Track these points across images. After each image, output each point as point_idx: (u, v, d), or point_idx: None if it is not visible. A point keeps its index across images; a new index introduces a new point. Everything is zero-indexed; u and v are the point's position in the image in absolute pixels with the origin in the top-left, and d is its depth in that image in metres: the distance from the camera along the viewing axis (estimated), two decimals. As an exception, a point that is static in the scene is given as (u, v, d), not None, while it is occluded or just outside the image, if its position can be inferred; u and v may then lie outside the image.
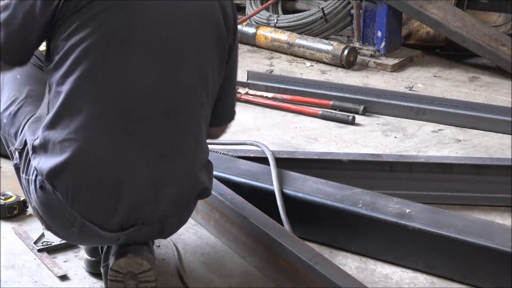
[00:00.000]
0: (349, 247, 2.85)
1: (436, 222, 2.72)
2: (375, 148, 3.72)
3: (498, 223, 2.91)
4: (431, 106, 4.05)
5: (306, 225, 2.89)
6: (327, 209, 2.84)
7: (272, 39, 5.06)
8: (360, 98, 4.15)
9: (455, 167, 3.15)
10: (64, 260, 2.75)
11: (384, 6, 4.83)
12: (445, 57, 5.04)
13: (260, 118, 4.04)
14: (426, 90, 4.47)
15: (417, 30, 5.13)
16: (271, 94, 4.22)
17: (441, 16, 4.73)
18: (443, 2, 4.86)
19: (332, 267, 2.51)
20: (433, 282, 2.70)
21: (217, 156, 3.20)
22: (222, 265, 2.76)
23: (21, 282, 2.63)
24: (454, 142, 3.80)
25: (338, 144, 3.77)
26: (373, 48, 4.92)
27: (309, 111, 4.09)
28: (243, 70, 4.61)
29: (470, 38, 4.65)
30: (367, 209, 2.80)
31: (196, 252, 2.83)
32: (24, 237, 2.87)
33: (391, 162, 3.23)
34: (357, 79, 4.63)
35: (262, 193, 2.93)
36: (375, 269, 2.77)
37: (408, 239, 2.73)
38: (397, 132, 3.91)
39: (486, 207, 3.14)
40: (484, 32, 4.71)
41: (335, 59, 4.79)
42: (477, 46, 4.64)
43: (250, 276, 2.70)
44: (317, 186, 2.93)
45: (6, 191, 3.07)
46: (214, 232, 2.94)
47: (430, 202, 3.04)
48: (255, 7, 5.46)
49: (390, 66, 4.80)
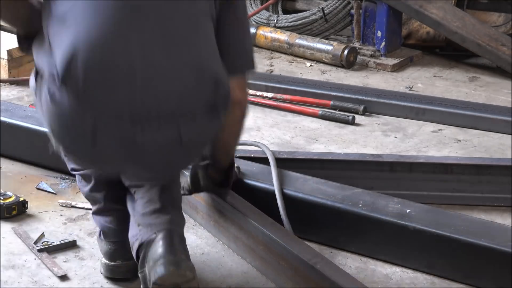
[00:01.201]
0: (349, 247, 2.85)
1: (436, 222, 2.72)
2: (375, 148, 3.72)
3: (498, 223, 2.91)
4: (431, 106, 4.05)
5: (306, 225, 2.89)
6: (328, 209, 2.84)
7: (272, 39, 5.05)
8: (360, 98, 4.14)
9: (455, 167, 3.15)
10: (64, 260, 2.75)
11: (384, 6, 4.83)
12: (445, 57, 5.04)
13: (260, 118, 4.04)
14: (426, 90, 4.47)
15: (417, 30, 5.13)
16: (271, 94, 4.22)
17: (441, 16, 4.72)
18: (443, 2, 4.85)
19: (332, 267, 2.51)
20: (433, 282, 2.70)
21: (217, 156, 3.20)
22: (222, 265, 2.76)
23: (21, 282, 2.63)
24: (454, 142, 3.80)
25: (338, 144, 3.77)
26: (373, 48, 4.92)
27: (309, 111, 4.09)
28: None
29: (470, 38, 4.65)
30: (367, 209, 2.80)
31: (196, 252, 2.82)
32: (24, 237, 2.87)
33: (391, 162, 3.23)
34: (357, 79, 4.63)
35: (262, 193, 2.93)
36: (375, 269, 2.77)
37: (408, 239, 2.73)
38: (397, 132, 3.91)
39: (486, 207, 3.13)
40: (484, 32, 4.71)
41: (335, 59, 4.79)
42: (477, 46, 4.64)
43: (250, 276, 2.70)
44: (317, 186, 2.93)
45: (6, 191, 3.07)
46: (214, 232, 2.93)
47: (430, 202, 3.04)
48: (255, 7, 5.46)
49: (390, 66, 4.80)
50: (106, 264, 2.63)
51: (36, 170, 3.38)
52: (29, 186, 3.25)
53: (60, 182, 3.29)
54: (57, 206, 3.11)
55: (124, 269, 2.62)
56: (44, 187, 3.24)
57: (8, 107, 3.54)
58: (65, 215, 3.05)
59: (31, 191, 3.22)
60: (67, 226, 2.97)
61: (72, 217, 3.01)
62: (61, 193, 3.21)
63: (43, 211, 3.07)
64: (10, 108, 3.54)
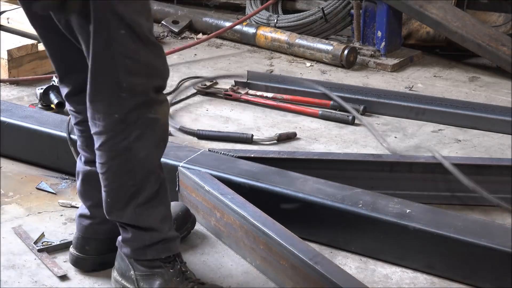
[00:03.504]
0: (349, 247, 2.85)
1: (436, 222, 2.72)
2: (375, 148, 3.72)
3: (498, 223, 2.91)
4: (431, 106, 4.04)
5: (306, 225, 2.89)
6: (328, 209, 2.84)
7: (272, 39, 5.05)
8: (360, 98, 4.14)
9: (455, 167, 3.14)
10: (64, 260, 2.75)
11: (384, 6, 4.83)
12: (445, 57, 5.04)
13: (260, 118, 4.04)
14: (426, 90, 4.47)
15: (417, 30, 5.13)
16: (271, 94, 4.22)
17: (441, 16, 4.72)
18: (443, 2, 4.85)
19: (332, 267, 2.51)
20: (433, 282, 2.70)
21: (217, 156, 3.20)
22: (222, 265, 2.76)
23: (21, 282, 2.63)
24: (454, 142, 3.80)
25: (338, 144, 3.77)
26: (373, 48, 4.92)
27: (309, 111, 4.09)
28: (243, 70, 4.61)
29: (470, 38, 4.65)
30: (368, 209, 2.80)
31: (196, 252, 2.83)
32: (24, 237, 2.87)
33: (391, 162, 3.23)
34: (357, 79, 4.63)
35: (262, 193, 2.93)
36: (375, 269, 2.77)
37: (408, 239, 2.73)
38: (397, 132, 3.91)
39: (486, 207, 3.13)
40: (484, 32, 4.71)
41: (335, 59, 4.79)
42: (477, 46, 4.64)
43: (250, 276, 2.70)
44: (317, 186, 2.93)
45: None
46: (214, 232, 2.94)
47: (430, 202, 3.04)
48: (255, 7, 5.46)
49: (390, 66, 4.80)
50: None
51: (36, 170, 3.38)
52: (29, 186, 3.26)
53: (60, 182, 3.29)
54: (57, 206, 3.11)
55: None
56: (44, 187, 3.24)
57: (8, 107, 3.54)
58: (65, 215, 3.05)
59: (31, 191, 3.22)
60: (67, 226, 2.97)
61: (72, 217, 3.01)
62: (61, 193, 3.22)
63: (43, 211, 3.07)
64: (10, 108, 3.55)
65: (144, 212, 2.42)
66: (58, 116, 3.49)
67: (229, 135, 3.76)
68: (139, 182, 2.38)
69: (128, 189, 2.39)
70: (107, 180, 2.40)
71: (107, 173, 2.39)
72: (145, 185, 2.39)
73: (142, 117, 2.32)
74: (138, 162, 2.36)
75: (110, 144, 2.34)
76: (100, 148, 2.36)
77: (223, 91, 4.26)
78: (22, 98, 4.15)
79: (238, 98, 4.21)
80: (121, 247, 2.51)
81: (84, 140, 2.58)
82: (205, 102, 4.24)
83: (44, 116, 3.48)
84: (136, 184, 2.38)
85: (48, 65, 4.47)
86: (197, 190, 2.96)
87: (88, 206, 2.63)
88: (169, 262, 2.47)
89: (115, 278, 2.54)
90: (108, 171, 2.38)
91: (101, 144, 2.36)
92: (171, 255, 2.48)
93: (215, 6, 5.94)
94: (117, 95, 2.28)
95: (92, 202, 2.62)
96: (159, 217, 2.45)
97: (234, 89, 4.26)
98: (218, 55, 4.99)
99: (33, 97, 4.08)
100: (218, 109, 4.13)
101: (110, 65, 2.26)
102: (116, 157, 2.35)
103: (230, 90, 4.26)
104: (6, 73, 4.32)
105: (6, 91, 4.23)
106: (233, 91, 4.24)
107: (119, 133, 2.32)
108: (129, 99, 2.29)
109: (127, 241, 2.47)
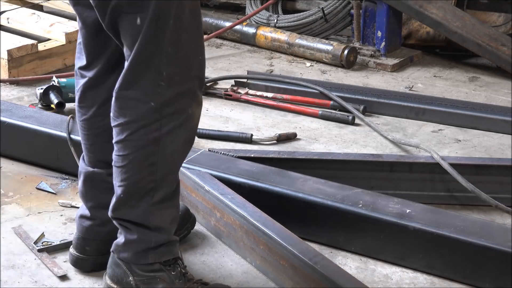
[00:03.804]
0: (349, 247, 2.85)
1: (436, 222, 2.72)
2: (375, 148, 3.72)
3: (498, 223, 2.91)
4: (431, 106, 4.04)
5: (306, 225, 2.89)
6: (327, 209, 2.84)
7: (272, 39, 5.05)
8: (360, 98, 4.14)
9: (455, 167, 3.15)
10: (64, 260, 2.75)
11: (384, 6, 4.83)
12: (445, 57, 5.04)
13: (260, 118, 4.04)
14: (426, 90, 4.47)
15: (417, 30, 5.13)
16: (271, 94, 4.22)
17: (441, 16, 4.72)
18: (443, 2, 4.85)
19: (332, 267, 2.51)
20: (433, 282, 2.70)
21: (217, 156, 3.20)
22: (222, 265, 2.76)
23: (21, 282, 2.63)
24: (454, 142, 3.80)
25: (338, 144, 3.77)
26: (373, 48, 4.92)
27: (309, 111, 4.09)
28: (243, 70, 4.61)
29: (470, 38, 4.65)
30: (367, 209, 2.80)
31: (196, 252, 2.83)
32: (24, 237, 2.87)
33: (391, 162, 3.23)
34: (357, 79, 4.63)
35: (262, 193, 2.93)
36: (375, 269, 2.77)
37: (408, 239, 2.73)
38: (397, 132, 3.91)
39: (486, 207, 3.13)
40: (484, 32, 4.71)
41: (335, 59, 4.79)
42: (477, 46, 4.64)
43: (250, 276, 2.70)
44: (317, 186, 2.93)
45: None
46: (214, 232, 2.94)
47: (430, 202, 3.04)
48: (255, 7, 5.46)
49: (390, 66, 4.79)
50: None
51: (36, 170, 3.38)
52: (29, 186, 3.26)
53: (60, 182, 3.29)
54: (57, 206, 3.11)
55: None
56: (44, 187, 3.24)
57: (8, 107, 3.54)
58: (65, 215, 3.05)
59: (31, 191, 3.22)
60: (67, 226, 2.97)
61: (72, 217, 3.01)
62: (61, 193, 3.21)
63: (43, 211, 3.07)
64: (10, 108, 3.54)
65: (156, 212, 2.40)
66: (58, 116, 3.49)
67: (228, 135, 3.76)
68: (158, 179, 2.36)
69: (145, 185, 2.36)
70: (126, 174, 2.36)
71: (129, 165, 2.35)
72: (163, 184, 2.38)
73: (179, 112, 2.31)
74: (163, 157, 2.34)
75: (141, 133, 2.30)
76: (127, 138, 2.32)
77: (223, 91, 4.26)
78: (22, 98, 4.15)
79: (238, 98, 4.21)
80: (118, 252, 2.46)
81: (89, 138, 2.57)
82: (205, 102, 4.20)
83: (44, 116, 3.48)
84: (156, 180, 2.36)
85: (48, 65, 4.47)
86: (197, 190, 2.96)
87: (89, 207, 2.63)
88: (169, 265, 2.46)
89: (110, 285, 2.50)
90: (129, 164, 2.34)
91: (129, 133, 2.31)
92: (171, 258, 2.47)
93: (215, 6, 5.94)
94: (157, 83, 2.27)
95: (93, 203, 2.61)
96: (170, 218, 2.44)
97: (234, 89, 4.26)
98: (218, 55, 4.99)
99: (33, 97, 4.08)
100: (218, 109, 4.13)
101: (154, 53, 2.26)
102: (143, 148, 2.32)
103: (230, 90, 4.26)
104: (6, 73, 4.32)
105: (6, 91, 4.23)
106: (233, 91, 4.24)
107: (153, 122, 2.30)
108: (167, 88, 2.28)
109: (129, 243, 2.44)
